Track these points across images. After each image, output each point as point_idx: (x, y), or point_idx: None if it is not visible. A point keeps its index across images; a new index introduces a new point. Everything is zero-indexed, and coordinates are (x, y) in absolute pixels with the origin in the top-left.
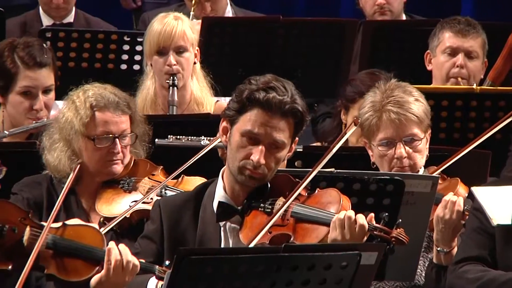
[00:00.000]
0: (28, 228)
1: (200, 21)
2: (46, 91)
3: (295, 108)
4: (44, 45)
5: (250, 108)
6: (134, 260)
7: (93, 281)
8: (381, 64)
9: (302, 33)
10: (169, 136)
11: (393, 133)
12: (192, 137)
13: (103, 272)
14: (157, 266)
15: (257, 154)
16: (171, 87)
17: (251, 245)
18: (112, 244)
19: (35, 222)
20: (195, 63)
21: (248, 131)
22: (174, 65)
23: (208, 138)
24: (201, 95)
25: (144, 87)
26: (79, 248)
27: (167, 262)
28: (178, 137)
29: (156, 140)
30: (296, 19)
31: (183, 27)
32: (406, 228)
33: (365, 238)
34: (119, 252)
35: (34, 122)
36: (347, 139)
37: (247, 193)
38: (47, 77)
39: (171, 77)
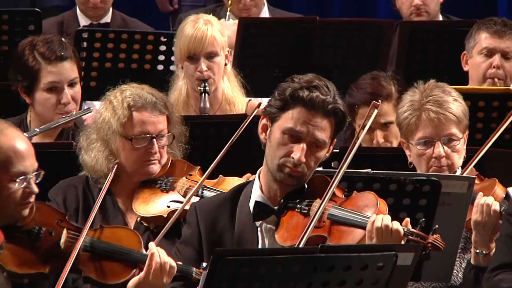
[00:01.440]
0: (65, 231)
1: (236, 21)
2: (71, 84)
3: (337, 108)
4: (63, 39)
5: (292, 106)
6: (171, 262)
7: (131, 283)
8: (418, 65)
9: (339, 34)
10: None
11: (432, 132)
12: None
13: (142, 274)
14: (194, 268)
15: (298, 152)
16: (202, 94)
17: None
18: (152, 245)
19: (72, 225)
20: (226, 64)
21: (290, 129)
22: (206, 71)
23: None
24: (233, 94)
25: (176, 88)
26: (117, 250)
27: (204, 264)
28: None
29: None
30: (333, 20)
31: (214, 31)
32: (442, 229)
33: (402, 243)
34: (159, 255)
35: (63, 116)
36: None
37: (284, 193)
38: (70, 70)
39: (203, 84)
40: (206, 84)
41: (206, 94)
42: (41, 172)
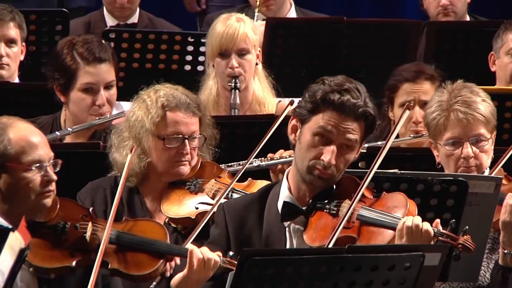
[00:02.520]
0: (90, 224)
1: (264, 22)
2: (107, 87)
3: (367, 112)
4: (103, 41)
5: (323, 109)
6: (215, 257)
7: (175, 280)
8: (445, 65)
9: (366, 34)
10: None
11: (460, 132)
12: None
13: (185, 272)
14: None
15: (328, 154)
16: (233, 90)
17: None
18: (191, 245)
19: (96, 218)
20: (257, 64)
21: (321, 131)
22: (236, 67)
23: (260, 158)
24: (263, 95)
25: (206, 87)
26: (142, 241)
27: (231, 253)
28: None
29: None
30: (360, 20)
31: (246, 29)
32: (469, 229)
33: (432, 243)
34: (200, 252)
35: (97, 118)
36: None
37: (312, 193)
38: (107, 72)
39: (233, 80)
40: (237, 80)
41: (237, 91)
42: (58, 161)
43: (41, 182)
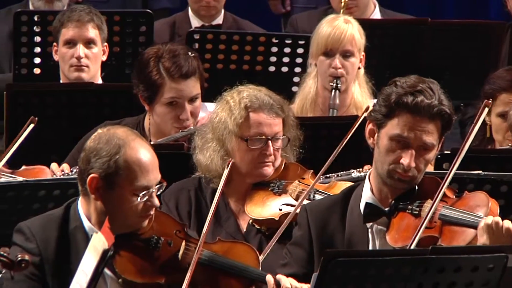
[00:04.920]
0: (183, 243)
1: None
2: (192, 100)
3: (443, 111)
4: (189, 53)
5: (398, 112)
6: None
7: None
8: None
9: (450, 35)
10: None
11: None
12: (342, 172)
13: None
14: None
15: (407, 158)
16: (333, 90)
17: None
18: (270, 278)
19: (190, 236)
20: (359, 68)
21: (398, 135)
22: (339, 68)
23: (358, 170)
24: (361, 99)
25: (305, 86)
26: (234, 266)
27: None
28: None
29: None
30: (444, 22)
31: (353, 31)
32: None
33: None
34: (289, 282)
35: (180, 131)
36: (494, 140)
37: (394, 195)
38: (192, 87)
39: (335, 80)
40: (338, 81)
41: (337, 91)
42: (163, 184)
43: (143, 206)
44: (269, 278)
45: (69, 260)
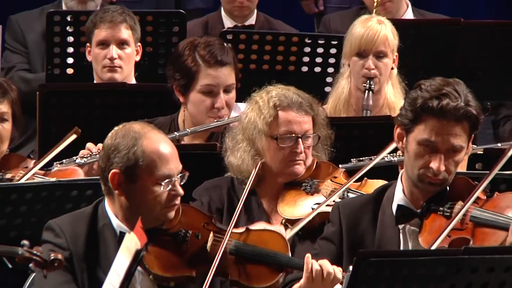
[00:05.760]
0: (211, 234)
1: None
2: (227, 90)
3: (469, 112)
4: (225, 44)
5: (424, 117)
6: (336, 272)
7: None
8: None
9: (483, 35)
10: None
11: None
12: (373, 157)
13: (301, 283)
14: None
15: (437, 162)
16: (366, 91)
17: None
18: (308, 257)
19: (218, 228)
20: (392, 68)
21: (425, 140)
22: (373, 69)
23: (392, 154)
24: (394, 100)
25: (338, 86)
26: (263, 254)
27: (351, 268)
28: (361, 159)
29: (340, 165)
30: (477, 22)
31: (386, 32)
32: None
33: None
34: (319, 264)
35: (215, 121)
36: None
37: (426, 196)
38: (228, 75)
39: (368, 81)
40: (371, 82)
41: (370, 92)
42: (185, 174)
43: (168, 196)
44: (308, 257)
45: (98, 257)
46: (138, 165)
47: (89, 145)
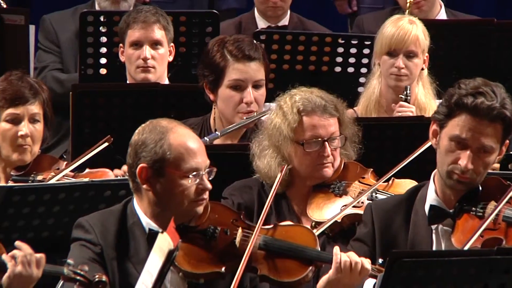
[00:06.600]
0: (240, 230)
1: None
2: (256, 86)
3: (503, 114)
4: (255, 41)
5: (458, 113)
6: (364, 262)
7: (321, 282)
8: None
9: None
10: None
11: None
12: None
13: (330, 274)
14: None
15: (465, 159)
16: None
17: (464, 249)
18: (337, 249)
19: (247, 224)
20: (422, 69)
21: (456, 136)
22: (402, 68)
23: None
24: (425, 100)
25: (369, 86)
26: (292, 248)
27: (380, 260)
28: None
29: None
30: (510, 22)
31: (417, 32)
32: None
33: None
34: (346, 255)
35: (244, 118)
36: None
37: (458, 196)
38: (257, 71)
39: (405, 92)
40: (408, 92)
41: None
42: (213, 169)
43: (196, 190)
44: (337, 249)
45: (128, 251)
46: (165, 158)
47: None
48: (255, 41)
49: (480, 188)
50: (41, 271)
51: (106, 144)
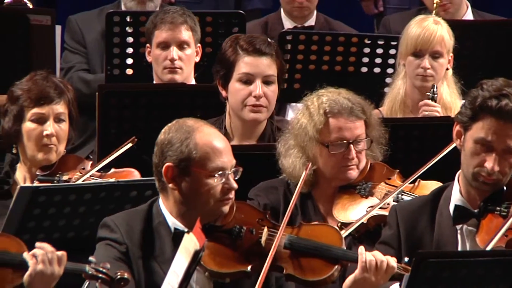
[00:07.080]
0: (266, 229)
1: None
2: (266, 81)
3: None
4: (269, 40)
5: (482, 116)
6: (390, 261)
7: (348, 281)
8: None
9: None
10: None
11: None
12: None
13: (356, 274)
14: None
15: (491, 162)
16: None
17: (488, 248)
18: (362, 248)
19: (272, 223)
20: (447, 69)
21: (481, 139)
22: (428, 68)
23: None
24: (450, 100)
25: (394, 87)
26: (317, 247)
27: (406, 259)
28: None
29: None
30: None
31: (442, 32)
32: None
33: None
34: (372, 254)
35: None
36: None
37: (482, 196)
38: (267, 66)
39: (432, 90)
40: (435, 90)
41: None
42: (239, 169)
43: (221, 190)
44: (362, 248)
45: (153, 250)
46: (191, 157)
47: None
48: (269, 40)
49: (505, 188)
50: (62, 269)
51: (130, 144)
